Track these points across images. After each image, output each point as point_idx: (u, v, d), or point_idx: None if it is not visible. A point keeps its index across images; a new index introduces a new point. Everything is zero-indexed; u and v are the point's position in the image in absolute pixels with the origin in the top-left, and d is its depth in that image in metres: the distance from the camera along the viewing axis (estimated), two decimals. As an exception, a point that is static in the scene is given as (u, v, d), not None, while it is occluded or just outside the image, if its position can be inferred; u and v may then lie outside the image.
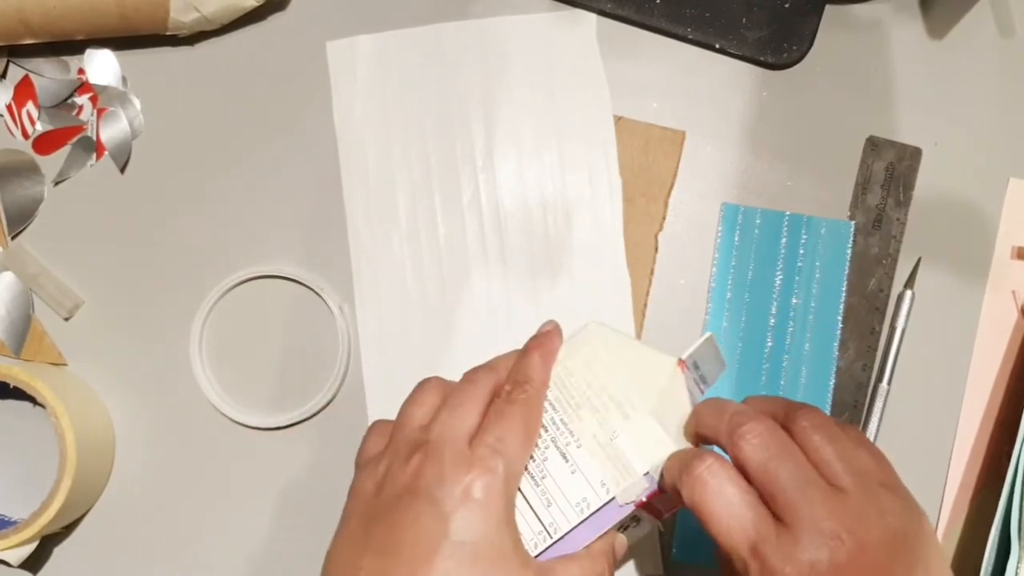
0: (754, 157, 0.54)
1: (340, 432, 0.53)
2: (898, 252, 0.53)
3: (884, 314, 0.52)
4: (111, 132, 0.54)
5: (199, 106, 0.55)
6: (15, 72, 0.55)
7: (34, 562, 0.52)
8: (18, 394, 0.49)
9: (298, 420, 0.53)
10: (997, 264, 0.53)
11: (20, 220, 0.54)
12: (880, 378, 0.52)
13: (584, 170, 0.53)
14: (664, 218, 0.53)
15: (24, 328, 0.54)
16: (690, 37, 0.53)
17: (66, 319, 0.54)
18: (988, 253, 0.53)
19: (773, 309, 0.52)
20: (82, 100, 0.55)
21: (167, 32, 0.53)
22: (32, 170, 0.55)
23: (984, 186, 0.53)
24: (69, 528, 0.53)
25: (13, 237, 0.54)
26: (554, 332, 0.43)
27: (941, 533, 0.51)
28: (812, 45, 0.53)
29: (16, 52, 0.54)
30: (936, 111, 0.53)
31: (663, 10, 0.53)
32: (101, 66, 0.54)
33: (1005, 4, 0.54)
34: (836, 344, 0.52)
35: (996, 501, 0.48)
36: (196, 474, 0.53)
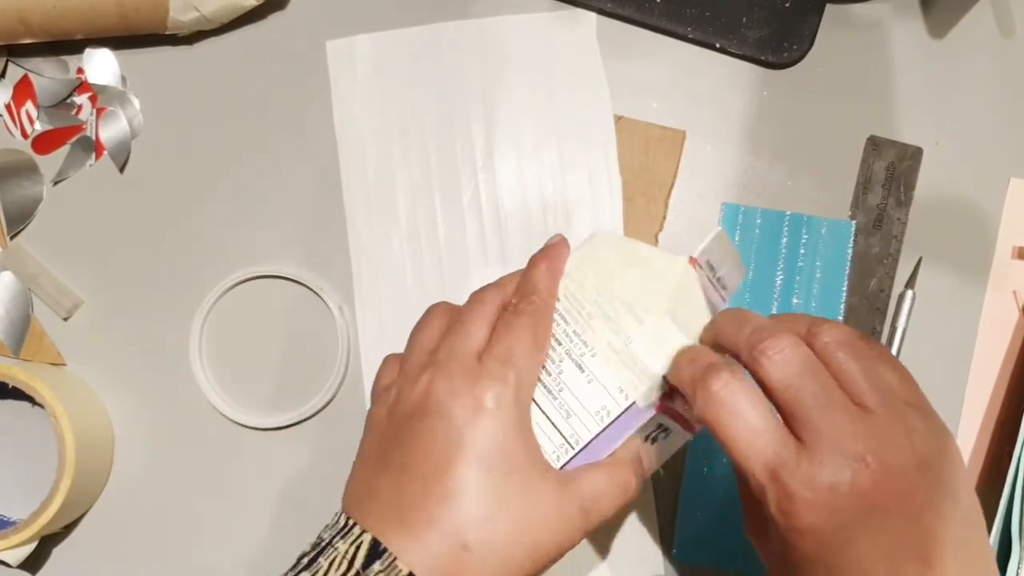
0: (754, 157, 0.53)
1: (340, 432, 0.53)
2: (899, 252, 0.52)
3: (885, 314, 0.52)
4: (110, 132, 0.54)
5: (198, 106, 0.55)
6: (14, 71, 0.55)
7: (33, 562, 0.52)
8: (17, 394, 0.49)
9: (297, 420, 0.52)
10: (998, 264, 0.53)
11: (19, 220, 0.54)
12: (881, 378, 0.52)
13: (584, 170, 0.53)
14: (664, 218, 0.53)
15: (23, 328, 0.54)
16: (690, 36, 0.53)
17: (65, 319, 0.54)
18: (989, 253, 0.53)
19: (774, 309, 0.52)
20: (81, 100, 0.55)
21: (166, 31, 0.53)
22: (31, 170, 0.54)
23: (985, 186, 0.53)
24: (68, 528, 0.53)
25: (12, 237, 0.54)
26: (560, 243, 0.42)
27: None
28: (813, 45, 0.53)
29: (15, 51, 0.54)
30: (937, 111, 0.53)
31: (663, 9, 0.53)
32: (100, 65, 0.54)
33: (1006, 4, 0.53)
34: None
35: (997, 501, 0.48)
36: (195, 474, 0.53)
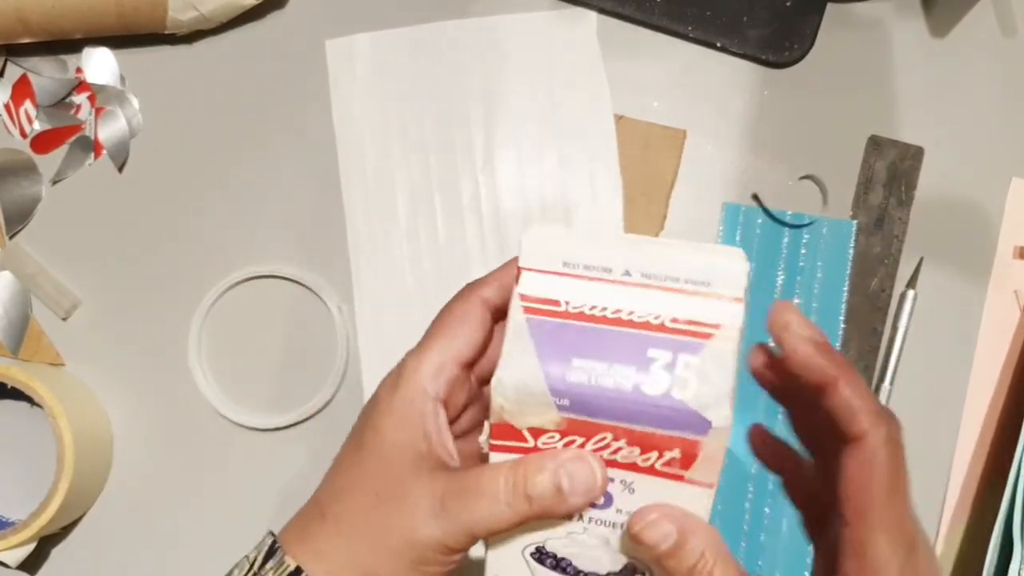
0: (755, 156, 0.53)
1: (339, 432, 0.53)
2: (900, 252, 0.52)
3: (886, 314, 0.52)
4: (109, 131, 0.54)
5: (197, 105, 0.54)
6: (13, 71, 0.55)
7: (32, 563, 0.52)
8: (16, 394, 0.49)
9: (297, 420, 0.52)
10: (999, 264, 0.52)
11: (18, 220, 0.54)
12: (882, 378, 0.51)
13: (584, 170, 0.53)
14: (665, 218, 0.53)
15: (22, 328, 0.53)
16: (691, 35, 0.53)
17: (64, 319, 0.54)
18: (990, 253, 0.53)
19: (774, 309, 0.52)
20: (80, 99, 0.55)
21: (165, 31, 0.53)
22: (30, 169, 0.54)
23: (986, 185, 0.53)
24: (67, 529, 0.53)
25: (11, 237, 0.54)
26: None
27: (943, 533, 0.51)
28: (814, 44, 0.53)
29: (14, 51, 0.54)
30: (938, 110, 0.53)
31: (664, 8, 0.53)
32: (99, 65, 0.54)
33: (1007, 3, 0.53)
34: (838, 344, 0.51)
35: (999, 501, 0.48)
36: (195, 474, 0.53)
